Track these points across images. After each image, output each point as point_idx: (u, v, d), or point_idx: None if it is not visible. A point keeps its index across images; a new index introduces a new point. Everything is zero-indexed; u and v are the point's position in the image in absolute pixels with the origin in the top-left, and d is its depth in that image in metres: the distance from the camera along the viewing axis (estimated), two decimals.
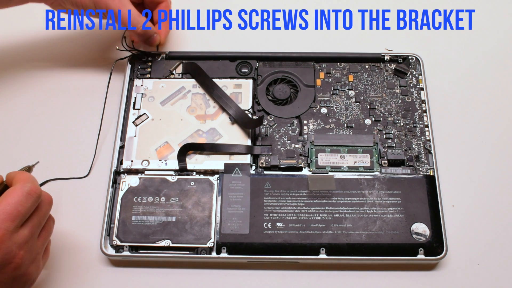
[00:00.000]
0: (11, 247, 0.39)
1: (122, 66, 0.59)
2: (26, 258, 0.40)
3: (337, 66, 0.59)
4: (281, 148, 0.54)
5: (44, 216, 0.43)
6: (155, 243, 0.49)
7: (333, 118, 0.56)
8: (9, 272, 0.39)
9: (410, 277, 0.50)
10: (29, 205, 0.40)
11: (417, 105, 0.56)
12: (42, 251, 0.44)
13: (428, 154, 0.54)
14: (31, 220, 0.41)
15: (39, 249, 0.43)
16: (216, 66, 0.59)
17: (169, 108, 0.56)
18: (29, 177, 0.42)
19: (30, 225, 0.41)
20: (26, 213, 0.40)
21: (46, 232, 0.44)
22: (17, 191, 0.40)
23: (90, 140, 0.56)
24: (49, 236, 0.45)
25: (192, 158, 0.53)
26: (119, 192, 0.51)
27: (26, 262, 0.40)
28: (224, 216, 0.50)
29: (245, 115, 0.55)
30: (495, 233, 0.52)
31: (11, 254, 0.39)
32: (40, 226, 0.42)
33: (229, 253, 0.49)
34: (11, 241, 0.39)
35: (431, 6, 0.67)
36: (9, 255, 0.39)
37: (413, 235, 0.49)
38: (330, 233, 0.49)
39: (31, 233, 0.41)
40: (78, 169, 0.55)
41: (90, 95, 0.59)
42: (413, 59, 0.59)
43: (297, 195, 0.51)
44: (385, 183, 0.51)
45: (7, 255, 0.39)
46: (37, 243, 0.42)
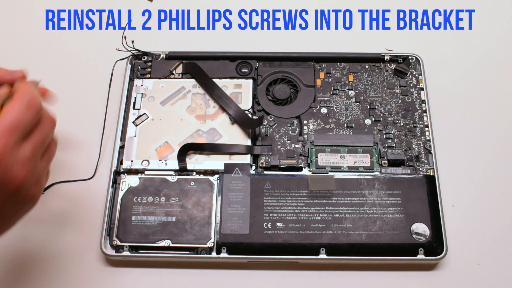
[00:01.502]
0: (11, 164, 0.36)
1: (122, 66, 0.59)
2: (29, 178, 0.37)
3: (337, 66, 0.59)
4: (281, 148, 0.54)
5: (47, 135, 0.40)
6: (155, 243, 0.49)
7: (333, 118, 0.56)
8: (10, 192, 0.36)
9: (410, 277, 0.50)
10: (29, 117, 0.37)
11: (417, 105, 0.56)
12: (45, 173, 0.41)
13: (428, 154, 0.54)
14: (32, 137, 0.38)
15: (42, 170, 0.40)
16: (216, 66, 0.59)
17: (169, 108, 0.56)
18: (29, 88, 0.39)
19: (32, 143, 0.38)
20: (26, 126, 0.37)
21: (48, 154, 0.41)
22: (15, 104, 0.37)
23: (93, 141, 0.56)
24: (52, 158, 0.42)
25: (192, 158, 0.53)
26: (119, 192, 0.51)
27: (28, 182, 0.37)
28: (224, 216, 0.50)
29: (245, 115, 0.55)
30: (495, 233, 0.52)
31: (12, 171, 0.36)
32: (43, 146, 0.39)
33: (229, 253, 0.49)
34: (12, 157, 0.36)
35: (431, 6, 0.67)
36: (10, 172, 0.36)
37: (413, 235, 0.49)
38: (330, 233, 0.49)
39: (34, 151, 0.38)
40: (83, 171, 0.55)
41: (90, 96, 0.59)
42: (413, 59, 0.59)
43: (297, 195, 0.51)
44: (385, 183, 0.51)
45: (7, 172, 0.36)
46: (40, 164, 0.39)
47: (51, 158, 0.42)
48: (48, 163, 0.41)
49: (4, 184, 0.36)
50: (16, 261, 0.50)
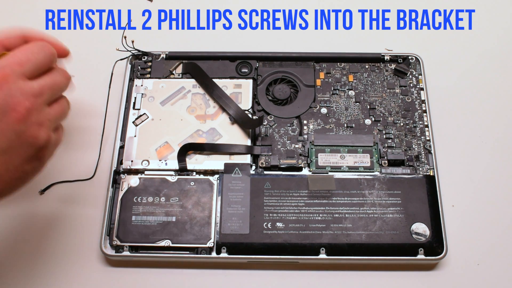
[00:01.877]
0: (14, 91, 0.36)
1: (122, 66, 0.59)
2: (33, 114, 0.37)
3: (337, 66, 0.59)
4: (281, 148, 0.54)
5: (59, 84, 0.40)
6: (155, 243, 0.49)
7: (333, 118, 0.56)
8: (11, 122, 0.36)
9: (410, 277, 0.50)
10: (40, 56, 0.38)
11: (417, 105, 0.56)
12: (53, 122, 0.40)
13: (428, 154, 0.54)
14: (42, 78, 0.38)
15: (49, 116, 0.39)
16: (216, 66, 0.59)
17: (169, 108, 0.56)
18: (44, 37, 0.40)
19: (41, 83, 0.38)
20: (35, 65, 0.38)
21: (59, 106, 0.41)
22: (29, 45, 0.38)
23: (93, 141, 0.56)
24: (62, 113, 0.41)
25: (192, 158, 0.53)
26: (119, 192, 0.51)
27: (32, 119, 0.37)
28: (224, 216, 0.50)
29: (245, 115, 0.55)
30: (495, 233, 0.52)
31: (14, 98, 0.36)
32: (52, 92, 0.39)
33: (229, 253, 0.49)
34: (16, 84, 0.36)
35: (431, 6, 0.67)
36: (11, 99, 0.36)
37: (413, 235, 0.49)
38: (330, 233, 0.49)
39: (41, 90, 0.38)
40: (83, 171, 0.55)
41: (90, 95, 0.59)
42: (413, 59, 0.59)
43: (297, 195, 0.51)
44: (385, 183, 0.51)
45: (9, 98, 0.36)
46: (48, 109, 0.39)
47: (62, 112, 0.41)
48: (57, 114, 0.40)
49: (5, 110, 0.36)
50: (16, 260, 0.50)
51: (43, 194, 0.53)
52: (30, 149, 0.38)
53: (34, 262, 0.50)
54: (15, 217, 0.52)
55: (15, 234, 0.51)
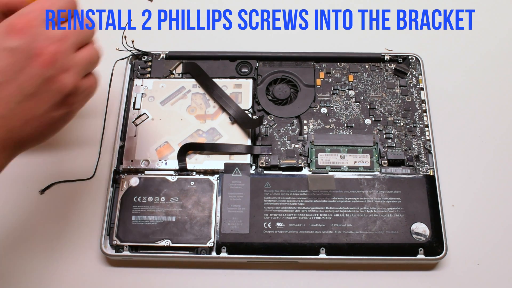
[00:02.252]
0: (40, 36, 0.36)
1: (122, 66, 0.59)
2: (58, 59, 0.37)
3: (337, 66, 0.59)
4: (281, 148, 0.54)
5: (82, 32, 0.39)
6: (155, 243, 0.49)
7: (333, 118, 0.56)
8: (37, 67, 0.36)
9: (410, 277, 0.50)
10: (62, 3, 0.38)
11: (417, 105, 0.56)
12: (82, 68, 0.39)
13: (428, 154, 0.54)
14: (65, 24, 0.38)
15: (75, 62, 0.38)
16: (216, 66, 0.59)
17: (169, 108, 0.56)
18: None
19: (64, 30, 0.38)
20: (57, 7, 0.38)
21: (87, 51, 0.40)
22: None
23: (93, 141, 0.56)
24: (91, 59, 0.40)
25: (192, 158, 0.53)
26: (119, 192, 0.51)
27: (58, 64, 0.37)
28: (224, 216, 0.50)
29: (245, 115, 0.55)
30: (495, 233, 0.52)
31: (39, 43, 0.36)
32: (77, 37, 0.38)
33: (229, 253, 0.49)
34: (40, 30, 0.36)
35: (431, 6, 0.67)
36: (37, 43, 0.36)
37: (413, 235, 0.49)
38: (330, 233, 0.49)
39: (65, 35, 0.37)
40: (83, 170, 0.55)
41: None
42: (413, 59, 0.59)
43: (297, 195, 0.51)
44: (385, 183, 0.51)
45: (35, 43, 0.36)
46: (74, 55, 0.38)
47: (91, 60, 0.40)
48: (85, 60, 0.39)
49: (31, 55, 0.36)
50: (16, 260, 0.50)
51: (43, 194, 0.53)
52: (57, 95, 0.38)
53: (34, 262, 0.50)
54: (15, 217, 0.52)
55: (15, 233, 0.51)
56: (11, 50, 0.35)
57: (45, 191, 0.54)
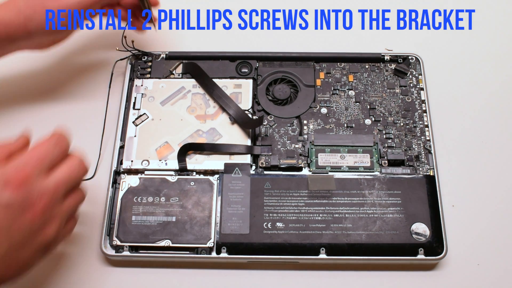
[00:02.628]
0: (34, 191, 0.38)
1: (122, 66, 0.59)
2: (47, 212, 0.39)
3: (337, 66, 0.59)
4: (281, 148, 0.54)
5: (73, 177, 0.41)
6: (155, 243, 0.49)
7: (333, 118, 0.56)
8: (28, 221, 0.38)
9: (410, 277, 0.50)
10: (56, 153, 0.40)
11: (417, 105, 0.56)
12: (65, 217, 0.42)
13: (428, 154, 0.54)
14: (58, 172, 0.40)
15: (61, 212, 0.41)
16: (216, 66, 0.59)
17: (169, 108, 0.56)
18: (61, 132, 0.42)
19: (57, 178, 0.40)
20: (52, 160, 0.40)
21: (73, 199, 0.42)
22: (46, 140, 0.41)
23: (93, 141, 0.56)
24: (75, 206, 0.43)
25: (192, 158, 0.53)
26: (119, 192, 0.51)
27: (46, 216, 0.39)
28: (224, 216, 0.50)
29: (245, 115, 0.55)
30: (495, 233, 0.52)
31: (32, 199, 0.38)
32: (66, 186, 0.41)
33: (229, 253, 0.49)
34: (35, 184, 0.38)
35: (431, 6, 0.67)
36: (30, 199, 0.38)
37: (413, 235, 0.49)
38: (330, 233, 0.49)
39: (56, 187, 0.40)
40: None
41: (91, 96, 0.59)
42: (413, 59, 0.59)
43: (297, 195, 0.51)
44: (385, 183, 0.51)
45: (28, 198, 0.38)
46: (61, 205, 0.41)
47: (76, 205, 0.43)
48: (69, 209, 0.42)
49: (24, 209, 0.38)
50: None
51: None
52: (41, 244, 0.40)
53: None
54: None
55: None
56: (7, 205, 0.37)
57: None
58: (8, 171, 0.38)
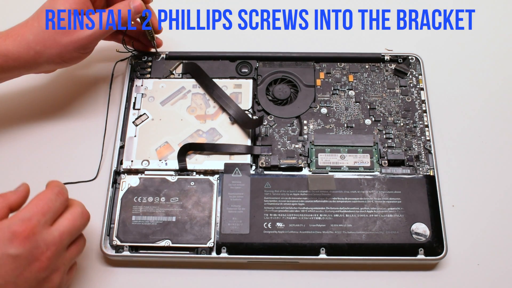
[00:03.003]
0: (40, 243, 0.39)
1: (122, 66, 0.59)
2: (52, 262, 0.40)
3: (337, 66, 0.59)
4: (281, 148, 0.54)
5: (76, 227, 0.43)
6: (155, 243, 0.49)
7: (333, 118, 0.56)
8: (34, 271, 0.39)
9: (410, 277, 0.50)
10: (58, 204, 0.42)
11: (417, 105, 0.56)
12: (68, 265, 0.43)
13: (428, 154, 0.54)
14: (61, 223, 0.42)
15: (65, 260, 0.42)
16: (216, 66, 0.59)
17: (169, 108, 0.56)
18: (59, 183, 0.44)
19: (61, 229, 0.41)
20: (55, 211, 0.41)
21: (76, 247, 0.44)
22: (47, 191, 0.42)
23: (94, 142, 0.56)
24: (78, 253, 0.44)
25: (192, 158, 0.53)
26: (119, 192, 0.51)
27: (51, 266, 0.40)
28: (224, 216, 0.50)
29: (245, 115, 0.55)
30: (495, 233, 0.52)
31: (38, 250, 0.39)
32: (71, 235, 0.42)
33: (229, 253, 0.49)
34: (41, 236, 0.39)
35: (431, 6, 0.67)
36: (37, 250, 0.39)
37: (413, 235, 0.49)
38: (330, 233, 0.49)
39: (61, 237, 0.41)
40: (84, 171, 0.55)
41: (92, 96, 0.59)
42: (413, 59, 0.59)
43: (297, 195, 0.51)
44: (385, 183, 0.51)
45: (35, 250, 0.39)
46: (65, 254, 0.42)
47: (77, 254, 0.44)
48: (73, 256, 0.44)
49: (31, 261, 0.39)
50: None
51: None
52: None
53: None
54: None
55: None
56: (14, 257, 0.38)
57: None
58: (14, 223, 0.39)
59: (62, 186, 0.44)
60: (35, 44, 0.49)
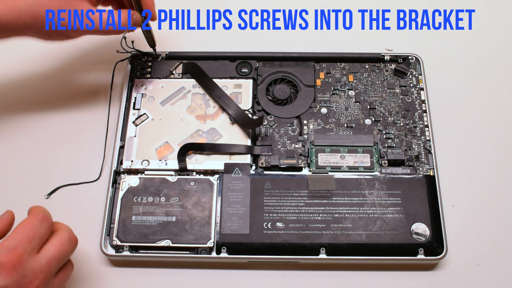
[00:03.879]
0: (27, 272, 0.38)
1: (122, 66, 0.59)
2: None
3: (337, 66, 0.59)
4: (281, 148, 0.54)
5: (64, 253, 0.42)
6: (155, 243, 0.49)
7: (333, 118, 0.56)
8: None
9: (410, 277, 0.50)
10: (43, 230, 0.41)
11: (417, 105, 0.56)
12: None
13: (428, 154, 0.54)
14: (48, 249, 0.41)
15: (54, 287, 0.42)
16: (216, 66, 0.59)
17: (169, 108, 0.56)
18: (42, 208, 0.43)
19: (48, 256, 0.41)
20: (41, 237, 0.41)
21: (64, 273, 0.43)
22: (31, 218, 0.41)
23: (96, 142, 0.56)
24: (66, 279, 0.44)
25: (192, 158, 0.53)
26: (119, 192, 0.51)
27: None
28: (224, 216, 0.50)
29: (245, 115, 0.55)
30: (495, 233, 0.52)
31: (26, 279, 0.38)
32: (59, 262, 0.42)
33: (229, 253, 0.49)
34: (28, 265, 0.39)
35: (431, 6, 0.67)
36: (24, 280, 0.38)
37: (413, 235, 0.49)
38: (330, 233, 0.49)
39: (48, 265, 0.40)
40: (84, 172, 0.55)
41: (92, 97, 0.59)
42: (413, 59, 0.59)
43: (297, 195, 0.51)
44: (385, 183, 0.51)
45: (23, 280, 0.38)
46: (53, 281, 0.42)
47: (66, 280, 0.44)
48: (61, 282, 0.43)
49: None
50: None
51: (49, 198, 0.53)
52: None
53: None
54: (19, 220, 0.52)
55: None
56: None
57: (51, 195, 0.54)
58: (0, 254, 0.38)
59: (45, 211, 0.43)
60: (26, 15, 0.47)
